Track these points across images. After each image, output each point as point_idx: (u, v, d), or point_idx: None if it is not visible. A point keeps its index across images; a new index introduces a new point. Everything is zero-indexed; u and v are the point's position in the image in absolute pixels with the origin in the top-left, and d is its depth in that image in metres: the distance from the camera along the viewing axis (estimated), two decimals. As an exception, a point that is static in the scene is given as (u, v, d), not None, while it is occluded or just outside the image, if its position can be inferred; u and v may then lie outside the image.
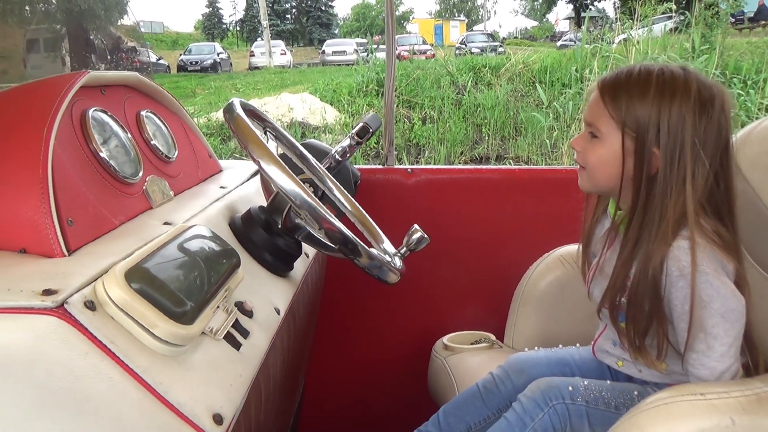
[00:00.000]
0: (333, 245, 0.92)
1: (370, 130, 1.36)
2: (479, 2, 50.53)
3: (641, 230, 1.00)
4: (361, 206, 1.27)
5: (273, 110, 10.13)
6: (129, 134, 0.98)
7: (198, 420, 0.64)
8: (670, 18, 10.00)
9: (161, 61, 21.83)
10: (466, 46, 17.23)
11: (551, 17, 45.52)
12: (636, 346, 1.04)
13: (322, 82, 11.86)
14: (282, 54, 24.79)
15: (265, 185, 1.24)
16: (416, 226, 1.08)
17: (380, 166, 1.81)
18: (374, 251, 0.95)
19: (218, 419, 0.66)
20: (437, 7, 51.03)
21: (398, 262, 1.04)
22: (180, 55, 24.26)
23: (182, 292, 0.69)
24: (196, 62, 22.45)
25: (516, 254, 1.60)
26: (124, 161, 0.94)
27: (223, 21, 46.23)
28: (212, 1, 45.09)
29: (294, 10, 43.88)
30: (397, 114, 9.60)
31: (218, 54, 23.78)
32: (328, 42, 26.83)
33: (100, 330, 0.61)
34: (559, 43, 21.14)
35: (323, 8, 42.46)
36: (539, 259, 1.54)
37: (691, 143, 0.96)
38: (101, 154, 0.88)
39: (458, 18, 47.90)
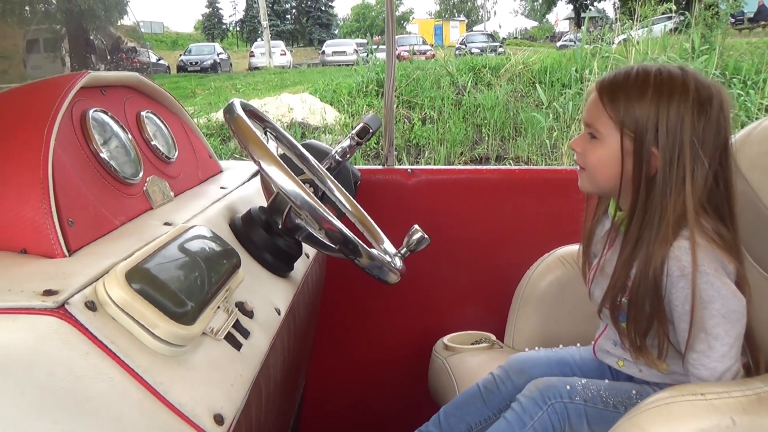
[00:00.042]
0: (333, 245, 0.92)
1: (370, 131, 1.36)
2: (479, 2, 50.59)
3: (641, 230, 1.00)
4: (362, 207, 1.27)
5: (273, 110, 10.13)
6: (129, 135, 0.98)
7: (199, 420, 0.64)
8: (670, 18, 10.01)
9: (161, 62, 21.84)
10: (466, 47, 17.23)
11: (551, 18, 45.59)
12: (637, 346, 1.04)
13: (322, 83, 11.86)
14: (282, 54, 24.80)
15: (266, 186, 1.24)
16: (416, 227, 1.08)
17: (380, 167, 1.80)
18: (374, 251, 0.95)
19: (219, 419, 0.66)
20: (437, 8, 51.12)
21: (398, 263, 1.04)
22: (180, 56, 24.26)
23: (183, 293, 0.69)
24: (196, 62, 22.45)
25: (516, 254, 1.60)
26: (125, 162, 0.94)
27: (223, 21, 46.26)
28: (212, 2, 45.12)
29: (294, 11, 43.90)
30: (397, 114, 9.60)
31: (218, 54, 23.78)
32: (328, 42, 26.84)
33: (101, 330, 0.61)
34: (559, 44, 21.15)
35: (323, 8, 42.47)
36: (539, 260, 1.54)
37: (690, 143, 0.96)
38: (102, 155, 0.88)
39: (458, 18, 47.93)
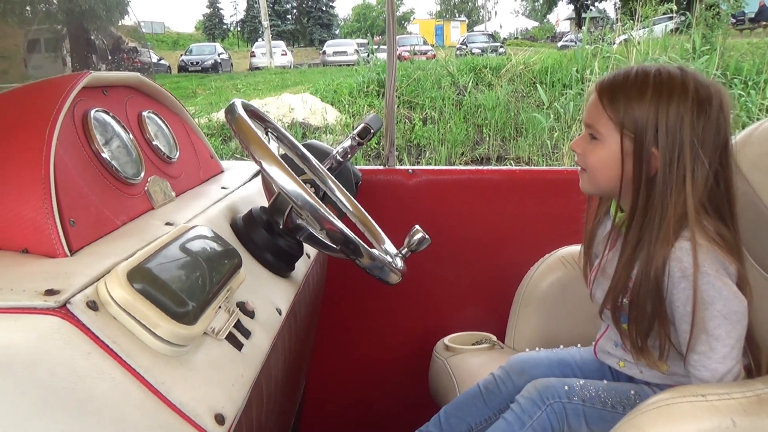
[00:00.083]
0: (334, 246, 0.92)
1: (372, 131, 1.35)
2: (480, 3, 50.59)
3: (642, 231, 1.00)
4: (363, 207, 1.27)
5: (274, 111, 10.13)
6: (131, 135, 0.98)
7: (200, 420, 0.64)
8: (671, 19, 10.01)
9: (162, 62, 21.83)
10: (467, 47, 17.22)
11: (552, 18, 45.60)
12: (638, 347, 1.04)
13: (323, 83, 11.87)
14: (283, 54, 24.80)
15: (267, 186, 1.24)
16: (417, 227, 1.08)
17: (381, 167, 1.81)
18: (375, 252, 0.95)
19: (220, 419, 0.67)
20: (438, 8, 51.11)
21: (399, 263, 1.04)
22: (181, 56, 24.26)
23: (184, 293, 0.69)
24: (197, 63, 22.45)
25: (517, 255, 1.60)
26: (126, 162, 0.94)
27: (224, 21, 46.28)
28: (213, 2, 45.13)
29: (295, 11, 43.91)
30: (398, 114, 9.60)
31: (219, 54, 23.78)
32: (329, 42, 26.83)
33: (103, 330, 0.61)
34: (560, 44, 21.14)
35: (324, 9, 42.48)
36: (540, 260, 1.54)
37: (690, 143, 0.96)
38: (103, 155, 0.88)
39: (459, 18, 47.93)
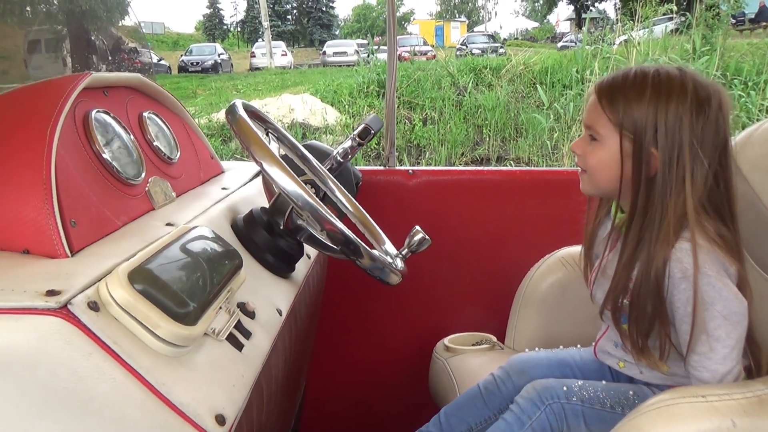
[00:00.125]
0: (335, 246, 0.92)
1: (372, 132, 1.35)
2: (480, 3, 50.61)
3: (642, 231, 1.00)
4: (363, 207, 1.27)
5: (274, 111, 10.13)
6: (131, 135, 0.98)
7: (201, 420, 0.64)
8: (671, 19, 10.02)
9: (162, 62, 21.84)
10: (467, 47, 17.24)
11: (552, 18, 45.63)
12: (639, 348, 1.04)
13: (323, 83, 11.87)
14: (283, 55, 24.81)
15: (267, 186, 1.24)
16: (418, 228, 1.08)
17: (381, 168, 1.81)
18: (376, 252, 0.95)
19: (221, 420, 0.67)
20: (438, 8, 51.13)
21: (400, 264, 1.04)
22: (181, 56, 24.26)
23: (185, 293, 0.69)
24: (197, 63, 22.45)
25: (517, 256, 1.60)
26: (127, 162, 0.94)
27: (224, 22, 46.30)
28: (213, 2, 45.16)
29: (295, 11, 43.94)
30: (398, 115, 9.60)
31: (219, 55, 23.79)
32: (329, 43, 26.85)
33: (104, 331, 0.61)
34: (560, 45, 21.15)
35: (324, 9, 42.51)
36: (540, 261, 1.54)
37: (689, 143, 0.96)
38: (104, 156, 0.88)
39: (459, 19, 47.96)
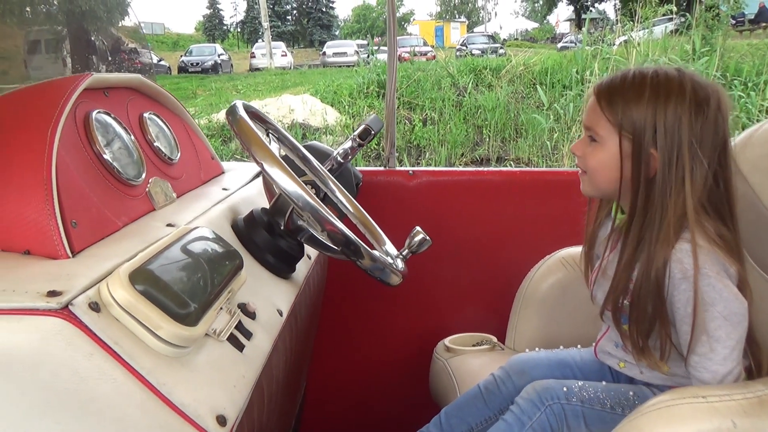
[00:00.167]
0: (335, 247, 0.92)
1: (372, 132, 1.36)
2: (480, 4, 50.64)
3: (642, 232, 1.00)
4: (363, 208, 1.27)
5: (274, 111, 10.13)
6: (132, 136, 0.98)
7: (202, 421, 0.64)
8: (671, 20, 10.02)
9: (162, 63, 21.82)
10: (467, 48, 17.25)
11: (552, 19, 45.62)
12: (639, 348, 1.04)
13: (323, 84, 11.87)
14: (283, 55, 24.79)
15: (268, 187, 1.24)
16: (418, 228, 1.08)
17: (382, 168, 1.81)
18: (376, 253, 0.95)
19: (222, 420, 0.67)
20: (438, 9, 51.16)
21: (400, 264, 1.04)
22: (181, 57, 24.26)
23: (186, 294, 0.69)
24: (197, 63, 22.45)
25: (517, 256, 1.60)
26: (128, 163, 0.94)
27: (224, 22, 46.31)
28: (213, 3, 45.18)
29: (295, 12, 43.96)
30: (398, 115, 9.61)
31: (219, 55, 23.79)
32: (329, 43, 26.84)
33: (105, 331, 0.61)
34: (560, 45, 21.14)
35: (324, 10, 42.54)
36: (541, 261, 1.54)
37: (688, 143, 0.96)
38: (105, 156, 0.88)
39: (459, 20, 47.96)
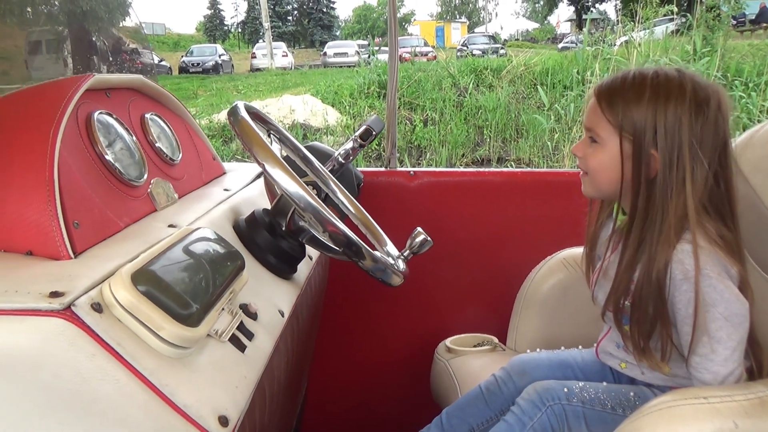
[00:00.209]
0: (337, 248, 0.92)
1: (373, 133, 1.36)
2: (480, 4, 50.65)
3: (643, 233, 1.00)
4: (364, 209, 1.27)
5: (275, 112, 10.14)
6: (134, 137, 0.98)
7: (204, 422, 0.64)
8: (672, 20, 10.02)
9: (163, 63, 21.84)
10: (468, 48, 17.26)
11: (552, 19, 45.63)
12: (640, 349, 1.04)
13: (324, 84, 11.87)
14: (283, 56, 24.81)
15: (269, 188, 1.24)
16: (419, 229, 1.08)
17: (383, 169, 1.81)
18: (378, 254, 0.95)
19: (224, 421, 0.67)
20: (438, 9, 51.17)
21: (401, 265, 1.04)
22: (181, 57, 24.27)
23: (188, 295, 0.69)
24: (198, 64, 22.45)
25: (518, 257, 1.60)
26: (129, 164, 0.94)
27: (225, 23, 46.34)
28: (214, 3, 45.20)
29: (295, 12, 44.00)
30: (399, 116, 9.59)
31: (220, 56, 23.80)
32: (330, 44, 26.88)
33: (107, 332, 0.61)
34: (561, 45, 21.14)
35: (325, 10, 42.57)
36: (542, 262, 1.54)
37: (689, 144, 0.96)
38: (106, 157, 0.88)
39: (460, 20, 47.97)
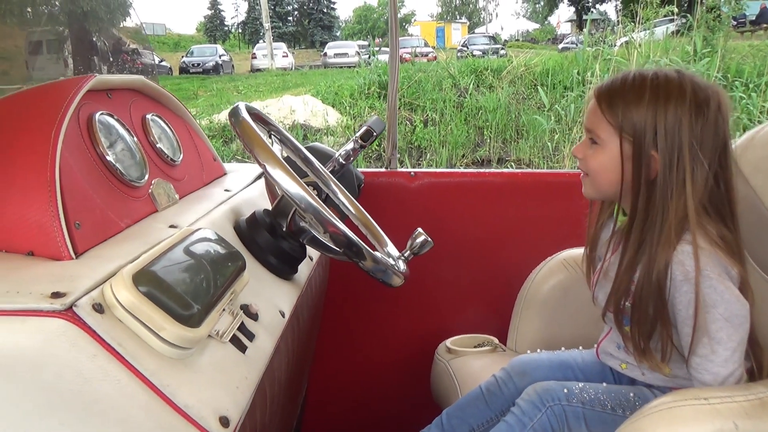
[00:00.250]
0: (337, 248, 0.92)
1: (374, 134, 1.36)
2: (481, 5, 50.66)
3: (643, 234, 1.00)
4: (365, 209, 1.27)
5: (275, 112, 10.14)
6: (135, 137, 0.98)
7: (205, 422, 0.65)
8: (672, 21, 10.03)
9: (163, 63, 21.84)
10: (468, 49, 17.27)
11: (553, 20, 45.62)
12: (641, 349, 1.05)
13: (324, 85, 11.87)
14: (284, 56, 24.81)
15: (270, 188, 1.25)
16: (420, 230, 1.08)
17: (383, 170, 1.81)
18: (378, 255, 0.95)
19: (225, 422, 0.67)
20: (439, 10, 51.20)
21: (402, 266, 1.04)
22: (182, 57, 24.26)
23: (189, 295, 0.69)
24: (198, 64, 22.45)
25: (519, 258, 1.60)
26: (130, 164, 0.94)
27: (225, 23, 46.36)
28: (214, 3, 45.22)
29: (296, 13, 44.02)
30: (399, 116, 9.60)
31: (220, 56, 23.80)
32: (330, 44, 26.90)
33: (108, 333, 0.61)
34: (561, 46, 21.13)
35: (325, 10, 42.58)
36: (542, 263, 1.54)
37: (689, 145, 0.97)
38: (108, 158, 0.88)
39: (460, 21, 47.98)
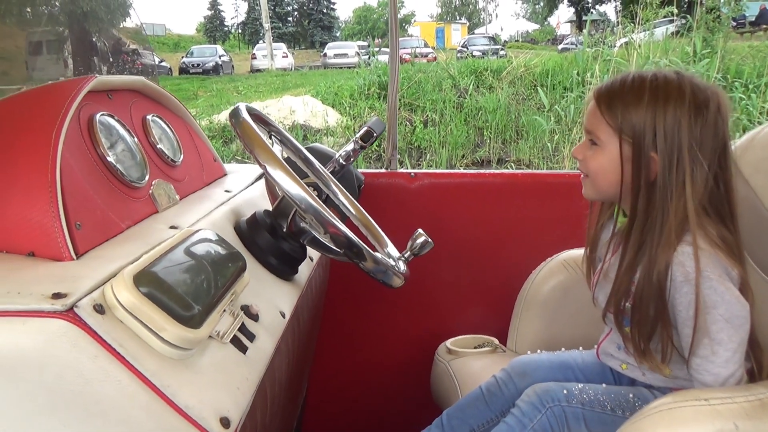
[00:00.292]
0: (338, 249, 0.92)
1: (374, 135, 1.36)
2: (481, 5, 50.70)
3: (643, 235, 1.00)
4: (365, 210, 1.27)
5: (275, 113, 10.13)
6: (135, 138, 0.98)
7: (205, 423, 0.65)
8: (672, 22, 10.03)
9: (163, 64, 21.85)
10: (468, 49, 17.27)
11: (553, 21, 45.63)
12: (641, 350, 1.05)
13: (324, 85, 11.87)
14: (284, 57, 24.81)
15: (271, 189, 1.25)
16: (420, 231, 1.08)
17: (383, 170, 1.81)
18: (378, 255, 0.95)
19: (225, 422, 0.67)
20: (439, 11, 51.23)
21: (402, 266, 1.04)
22: (182, 58, 24.27)
23: (190, 296, 0.69)
24: (198, 65, 22.46)
25: (519, 258, 1.60)
26: (131, 165, 0.94)
27: (225, 23, 46.37)
28: (214, 4, 45.23)
29: (296, 13, 44.04)
30: (399, 117, 9.60)
31: (220, 56, 23.81)
32: (330, 45, 26.91)
33: (109, 333, 0.61)
34: (561, 47, 21.13)
35: (325, 11, 42.60)
36: (542, 263, 1.54)
37: (688, 146, 0.97)
38: (108, 158, 0.88)
39: (460, 21, 47.98)
